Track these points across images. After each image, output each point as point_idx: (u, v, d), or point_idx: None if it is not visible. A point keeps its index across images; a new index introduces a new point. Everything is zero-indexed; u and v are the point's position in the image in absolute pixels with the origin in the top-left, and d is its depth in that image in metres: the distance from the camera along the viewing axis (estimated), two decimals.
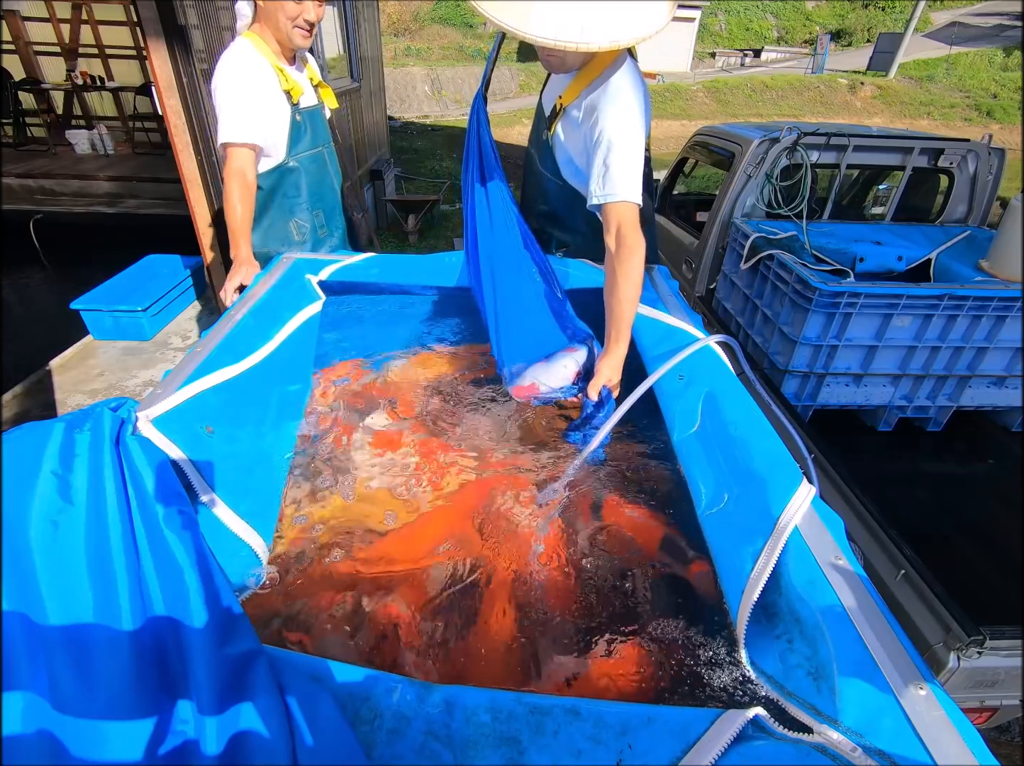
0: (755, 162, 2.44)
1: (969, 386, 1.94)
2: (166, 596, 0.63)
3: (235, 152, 1.58)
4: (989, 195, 2.54)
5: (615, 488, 1.18)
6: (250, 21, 1.64)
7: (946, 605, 1.09)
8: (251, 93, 1.60)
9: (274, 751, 0.52)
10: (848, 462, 1.46)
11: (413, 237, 5.45)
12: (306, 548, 1.04)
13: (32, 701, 0.52)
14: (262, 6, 1.59)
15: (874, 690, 0.54)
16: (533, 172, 1.65)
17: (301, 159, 1.77)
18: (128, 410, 0.79)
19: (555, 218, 1.67)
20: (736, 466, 0.84)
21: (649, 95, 1.32)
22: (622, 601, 0.96)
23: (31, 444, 0.68)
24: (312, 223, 1.85)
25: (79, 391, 2.73)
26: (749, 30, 21.81)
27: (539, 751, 0.53)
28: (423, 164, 8.82)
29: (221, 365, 0.98)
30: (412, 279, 1.53)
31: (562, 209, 1.63)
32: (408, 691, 0.57)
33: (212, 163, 2.71)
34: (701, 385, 1.01)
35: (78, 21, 5.91)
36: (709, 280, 2.74)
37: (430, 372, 1.58)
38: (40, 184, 4.81)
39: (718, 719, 0.54)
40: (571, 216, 1.61)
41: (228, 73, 1.59)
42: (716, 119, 14.95)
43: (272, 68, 1.64)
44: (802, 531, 0.70)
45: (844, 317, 1.83)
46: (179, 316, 3.50)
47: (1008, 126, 14.96)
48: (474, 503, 1.16)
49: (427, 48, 17.79)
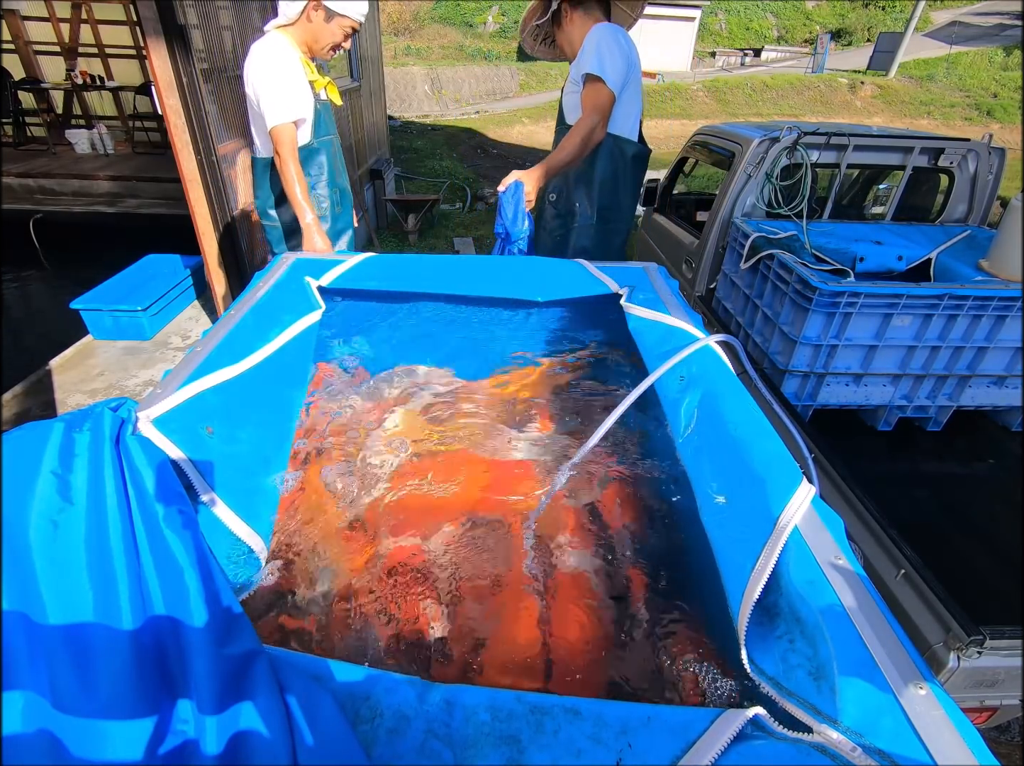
0: (755, 162, 2.43)
1: (969, 386, 1.94)
2: (166, 596, 0.63)
3: (288, 129, 1.76)
4: (989, 195, 2.53)
5: (615, 488, 1.18)
6: (287, 22, 1.81)
7: (946, 605, 1.09)
8: (292, 77, 1.78)
9: (274, 751, 0.52)
10: (848, 462, 1.46)
11: (413, 237, 5.44)
12: (305, 548, 1.04)
13: (32, 701, 0.52)
14: (314, 22, 1.80)
15: (874, 690, 0.54)
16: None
17: (322, 142, 1.98)
18: (128, 410, 0.79)
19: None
20: (736, 466, 0.84)
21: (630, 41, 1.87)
22: (621, 601, 0.96)
23: (31, 444, 0.68)
24: (331, 199, 2.05)
25: (79, 391, 2.73)
26: (749, 29, 21.78)
27: (539, 750, 0.53)
28: (423, 164, 8.81)
29: (221, 365, 0.98)
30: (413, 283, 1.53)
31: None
32: (408, 690, 0.57)
33: (212, 163, 2.71)
34: (702, 385, 1.01)
35: (78, 20, 5.91)
36: (709, 280, 2.74)
37: (430, 373, 1.58)
38: (40, 184, 4.81)
39: (718, 718, 0.54)
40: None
41: (270, 60, 1.76)
42: (716, 118, 14.94)
43: (301, 61, 1.83)
44: (802, 531, 0.70)
45: (844, 317, 1.83)
46: (179, 316, 3.51)
47: (1008, 126, 14.96)
48: (474, 502, 1.16)
49: (427, 48, 17.78)
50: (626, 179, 2.03)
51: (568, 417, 1.40)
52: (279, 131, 1.75)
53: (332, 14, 1.79)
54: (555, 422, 1.39)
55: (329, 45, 1.86)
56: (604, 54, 1.77)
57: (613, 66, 1.77)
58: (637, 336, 1.23)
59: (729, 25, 21.68)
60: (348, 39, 1.90)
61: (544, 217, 2.15)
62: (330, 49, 1.88)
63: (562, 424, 1.38)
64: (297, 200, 1.81)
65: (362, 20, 1.87)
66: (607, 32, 1.81)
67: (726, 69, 19.46)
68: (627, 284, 1.39)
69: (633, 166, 2.02)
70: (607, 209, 2.04)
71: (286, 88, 1.76)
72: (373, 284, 1.45)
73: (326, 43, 1.85)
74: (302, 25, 1.80)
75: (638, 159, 2.03)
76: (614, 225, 2.09)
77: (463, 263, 1.60)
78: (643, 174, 2.13)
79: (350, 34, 1.88)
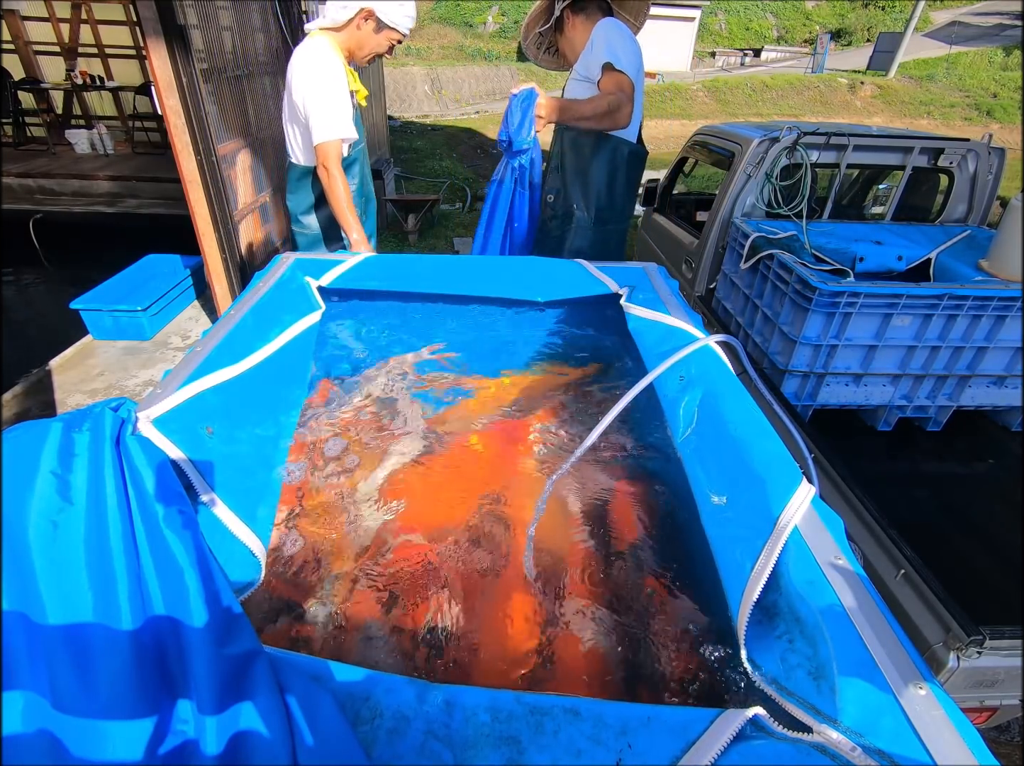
0: (755, 162, 2.43)
1: (969, 386, 1.94)
2: (166, 596, 0.63)
3: (336, 146, 1.77)
4: (989, 195, 2.53)
5: (613, 488, 1.18)
6: (332, 25, 1.78)
7: (946, 605, 1.09)
8: (340, 91, 1.77)
9: (274, 751, 0.52)
10: (848, 462, 1.46)
11: (413, 237, 5.44)
12: (305, 548, 1.04)
13: (32, 701, 0.52)
14: (362, 31, 1.79)
15: (874, 690, 0.54)
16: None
17: (356, 152, 1.98)
18: (128, 410, 0.79)
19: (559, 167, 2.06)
20: (736, 466, 0.84)
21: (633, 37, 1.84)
22: (621, 601, 0.96)
23: (30, 443, 0.68)
24: (359, 207, 2.05)
25: (79, 391, 2.73)
26: (749, 29, 21.79)
27: (539, 751, 0.53)
28: (423, 164, 8.81)
29: (221, 365, 0.98)
30: (413, 283, 1.53)
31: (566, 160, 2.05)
32: (408, 691, 0.57)
33: (212, 163, 2.71)
34: (701, 385, 1.01)
35: (78, 21, 5.91)
36: (709, 280, 2.74)
37: (430, 373, 1.58)
38: (40, 184, 4.81)
39: (717, 718, 0.54)
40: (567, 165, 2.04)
41: (319, 71, 1.74)
42: (716, 119, 14.94)
43: (344, 69, 1.81)
44: (802, 531, 0.70)
45: (844, 317, 1.83)
46: (179, 316, 3.51)
47: (1008, 126, 14.95)
48: (475, 503, 1.16)
49: (427, 48, 17.77)
50: (624, 180, 2.04)
51: (568, 417, 1.40)
52: (328, 147, 1.75)
53: (383, 26, 1.80)
54: (555, 422, 1.39)
55: (372, 54, 1.87)
56: (616, 44, 1.75)
57: (627, 55, 1.75)
58: (637, 336, 1.23)
59: (729, 25, 21.69)
60: (392, 50, 1.91)
61: (542, 217, 2.15)
62: (371, 58, 1.90)
63: (562, 424, 1.38)
64: (345, 216, 1.83)
65: (408, 33, 1.89)
66: (614, 24, 1.81)
67: (726, 69, 19.46)
68: (627, 284, 1.39)
69: (630, 167, 2.03)
70: (605, 210, 2.05)
71: (336, 104, 1.75)
72: (373, 284, 1.45)
73: (370, 52, 1.86)
74: (349, 31, 1.79)
75: (635, 160, 2.03)
76: (612, 226, 2.11)
77: (463, 263, 1.60)
78: (640, 175, 2.14)
79: (395, 45, 1.89)
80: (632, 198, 2.15)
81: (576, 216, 2.06)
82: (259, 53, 3.23)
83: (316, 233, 2.07)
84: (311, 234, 2.07)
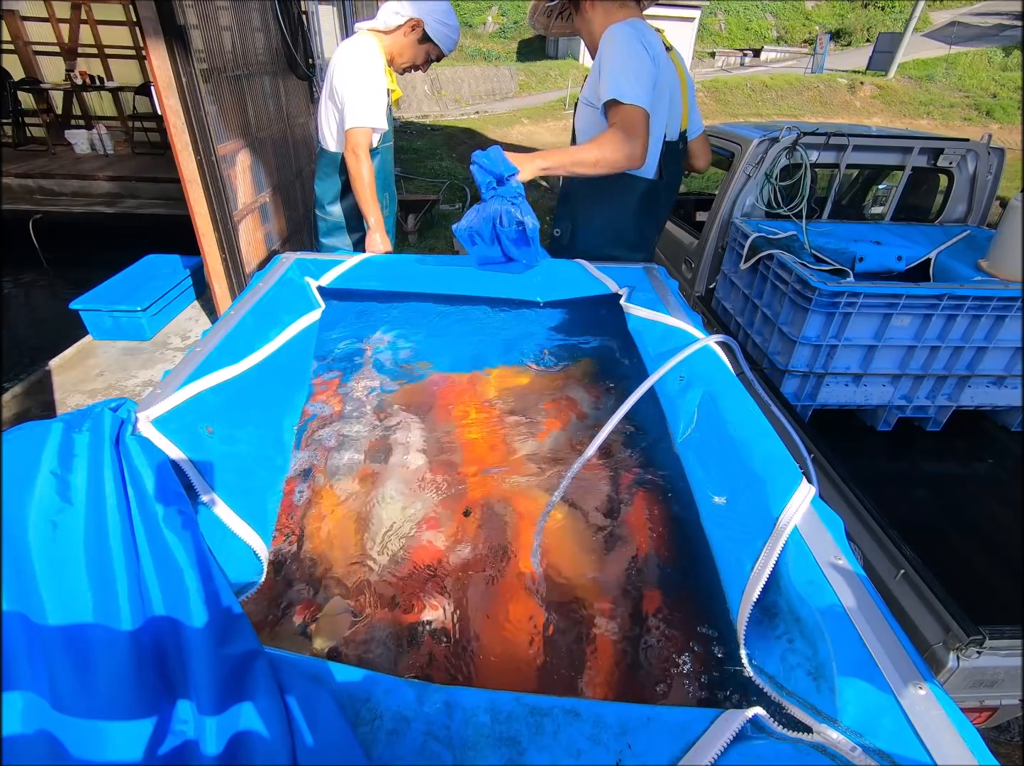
0: (755, 162, 2.44)
1: (969, 386, 1.94)
2: (166, 596, 0.63)
3: (367, 133, 1.82)
4: (989, 195, 2.53)
5: (615, 489, 1.18)
6: (383, 28, 1.86)
7: (946, 605, 1.09)
8: (379, 85, 1.85)
9: (274, 751, 0.52)
10: (848, 462, 1.46)
11: (413, 237, 5.44)
12: (306, 548, 1.04)
13: (32, 701, 0.52)
14: (407, 38, 1.87)
15: (874, 690, 0.54)
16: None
17: (383, 148, 2.06)
18: (128, 410, 0.79)
19: (568, 197, 1.78)
20: (736, 466, 0.84)
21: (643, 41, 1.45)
22: (621, 602, 0.96)
23: (30, 444, 0.68)
24: (381, 202, 2.08)
25: (79, 391, 2.73)
26: (748, 30, 21.80)
27: (539, 751, 0.53)
28: (423, 164, 8.80)
29: (221, 365, 0.98)
30: (413, 284, 1.53)
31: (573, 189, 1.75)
32: (408, 692, 0.57)
33: (212, 163, 2.70)
34: (701, 385, 1.01)
35: (77, 21, 5.91)
36: (709, 280, 2.74)
37: (431, 373, 1.58)
38: (39, 184, 4.81)
39: (717, 719, 0.54)
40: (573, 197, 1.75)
41: (363, 63, 1.81)
42: (716, 119, 14.94)
43: (384, 67, 1.90)
44: (802, 531, 0.70)
45: (844, 317, 1.83)
46: (179, 316, 3.50)
47: (1008, 126, 14.96)
48: (477, 504, 1.16)
49: None
50: (639, 220, 1.71)
51: (569, 417, 1.40)
52: (359, 133, 1.80)
53: (427, 39, 1.88)
54: (556, 423, 1.39)
55: (409, 63, 1.95)
56: (618, 71, 1.40)
57: (636, 79, 1.40)
58: (637, 336, 1.23)
59: (728, 25, 21.70)
60: (427, 66, 1.99)
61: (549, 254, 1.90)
62: (408, 67, 1.97)
63: (562, 424, 1.38)
64: (367, 200, 1.88)
65: (447, 53, 1.96)
66: (622, 38, 1.43)
67: (725, 69, 19.47)
68: (627, 284, 1.39)
69: (646, 204, 1.68)
70: (615, 250, 1.72)
71: (373, 94, 1.82)
72: (373, 284, 1.45)
73: (408, 60, 1.93)
74: (396, 37, 1.88)
75: (652, 196, 1.67)
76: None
77: (463, 263, 1.60)
78: (663, 209, 1.80)
79: (432, 62, 1.97)
80: (650, 237, 1.82)
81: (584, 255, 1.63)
82: (259, 53, 3.22)
83: (339, 221, 2.14)
84: (333, 221, 2.14)
